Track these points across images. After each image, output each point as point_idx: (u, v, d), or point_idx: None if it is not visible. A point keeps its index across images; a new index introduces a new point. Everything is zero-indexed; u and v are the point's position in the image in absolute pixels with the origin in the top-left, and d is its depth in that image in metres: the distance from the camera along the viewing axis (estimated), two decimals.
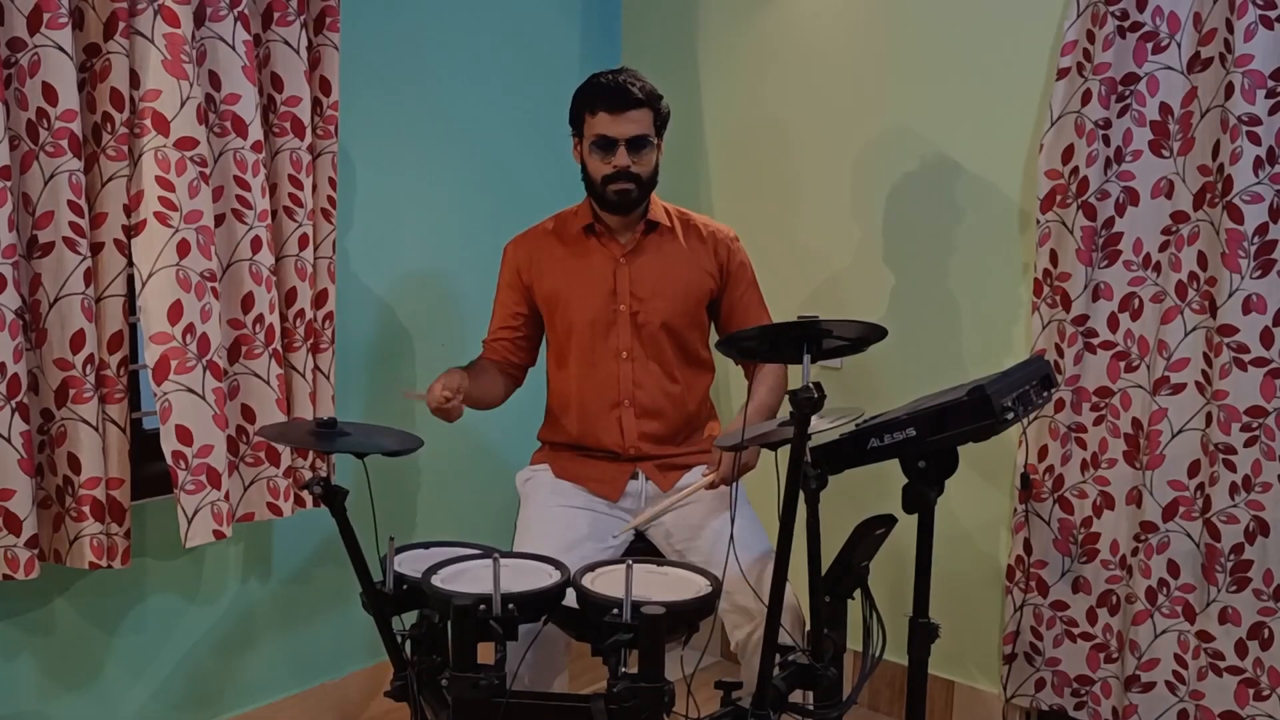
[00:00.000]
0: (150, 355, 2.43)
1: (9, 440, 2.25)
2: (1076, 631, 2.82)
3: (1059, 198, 2.72)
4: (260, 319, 2.61)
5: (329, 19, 2.70)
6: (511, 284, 2.69)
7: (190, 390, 2.46)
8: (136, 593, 2.68)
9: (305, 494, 2.77)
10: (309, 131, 2.67)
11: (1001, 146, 2.90)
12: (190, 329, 2.45)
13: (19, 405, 2.25)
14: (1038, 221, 2.76)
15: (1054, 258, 2.74)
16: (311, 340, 2.76)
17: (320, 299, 2.79)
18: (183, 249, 2.42)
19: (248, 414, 2.65)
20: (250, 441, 2.66)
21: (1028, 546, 2.85)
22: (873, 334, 2.00)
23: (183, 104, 2.39)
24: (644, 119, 2.51)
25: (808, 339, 1.94)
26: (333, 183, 2.77)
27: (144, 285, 2.42)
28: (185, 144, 2.40)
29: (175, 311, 2.43)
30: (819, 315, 1.94)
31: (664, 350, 2.58)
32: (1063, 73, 2.69)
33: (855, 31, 3.15)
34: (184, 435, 2.47)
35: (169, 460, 2.46)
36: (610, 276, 2.58)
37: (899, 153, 3.09)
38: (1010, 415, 2.12)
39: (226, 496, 2.53)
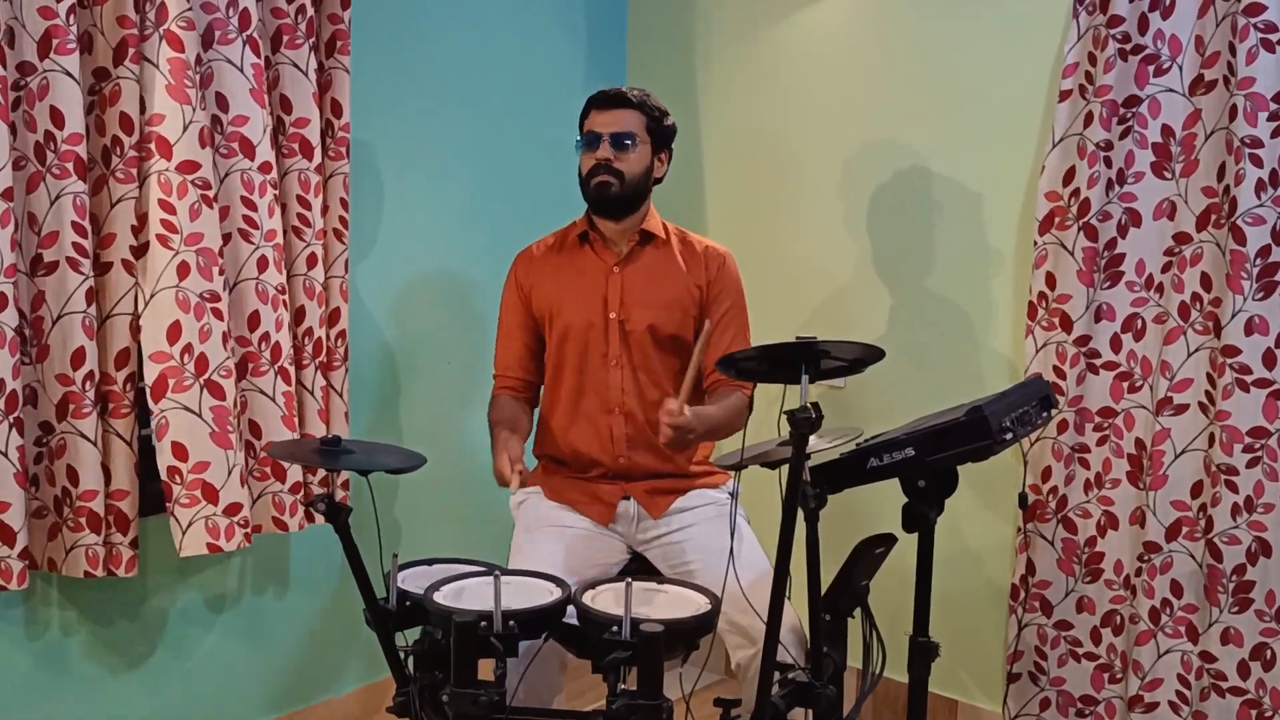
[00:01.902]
0: (149, 374, 2.46)
1: (5, 454, 2.27)
2: (1081, 651, 2.82)
3: (1057, 220, 2.73)
4: (266, 337, 2.64)
5: (339, 42, 2.73)
6: (514, 299, 2.71)
7: (186, 408, 2.49)
8: (144, 605, 2.71)
9: (312, 510, 2.80)
10: (318, 153, 2.71)
11: (1003, 167, 2.91)
12: (188, 349, 2.48)
13: (15, 420, 2.28)
14: (1035, 243, 2.77)
15: (1050, 280, 2.75)
16: (321, 358, 2.78)
17: (333, 317, 2.82)
18: (183, 270, 2.45)
19: (255, 430, 2.67)
20: (257, 456, 2.68)
21: (1031, 567, 2.85)
22: (871, 355, 2.01)
23: (185, 128, 2.42)
24: (632, 119, 2.56)
25: (806, 359, 1.96)
26: (344, 203, 2.80)
27: (145, 305, 2.45)
28: (187, 167, 2.43)
29: (174, 331, 2.46)
30: (817, 335, 1.96)
31: (650, 358, 2.58)
32: (1064, 95, 2.70)
33: (855, 51, 3.17)
34: (179, 452, 2.49)
35: (163, 475, 2.50)
36: (603, 283, 2.60)
37: (899, 173, 3.10)
38: (1009, 436, 2.13)
39: (227, 511, 2.55)
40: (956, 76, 2.98)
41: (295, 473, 2.73)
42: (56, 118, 2.28)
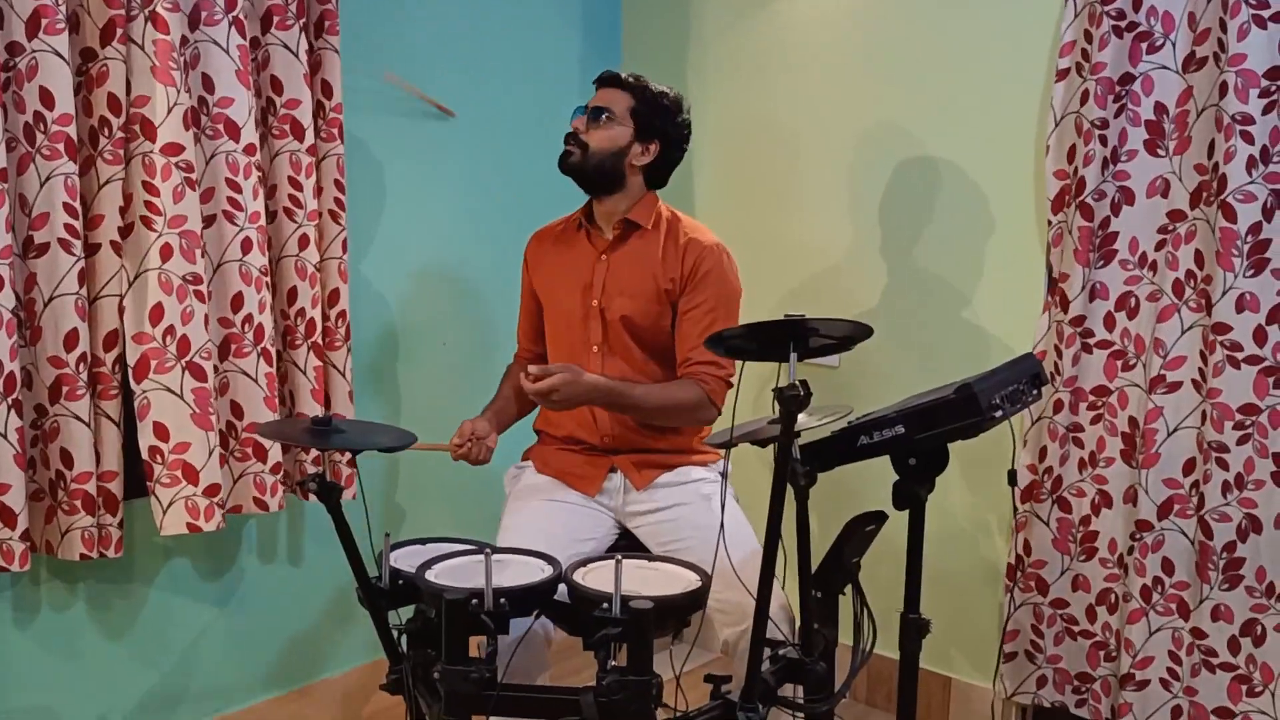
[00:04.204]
0: (131, 355, 2.47)
1: (4, 436, 2.28)
2: (1076, 629, 2.82)
3: (1066, 197, 2.72)
4: (249, 318, 2.64)
5: (328, 22, 2.73)
6: (525, 278, 2.79)
7: (168, 389, 2.50)
8: (139, 586, 2.72)
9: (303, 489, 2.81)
10: (309, 134, 2.70)
11: (1002, 147, 2.90)
12: (170, 330, 2.48)
13: (14, 402, 2.29)
14: (1050, 222, 2.76)
15: (1063, 257, 2.75)
16: (316, 338, 2.78)
17: (332, 298, 2.83)
18: (165, 253, 2.46)
19: (236, 411, 2.68)
20: (239, 437, 2.69)
21: (1027, 546, 2.86)
22: (859, 332, 2.01)
23: (169, 110, 2.42)
24: (616, 97, 2.58)
25: (794, 337, 1.96)
26: (339, 184, 2.80)
27: (129, 287, 2.46)
28: (171, 150, 2.44)
29: (156, 313, 2.46)
30: (805, 313, 1.96)
31: (629, 346, 2.59)
32: (1062, 73, 2.69)
33: (852, 31, 3.16)
34: (160, 432, 2.51)
35: (145, 455, 2.51)
36: (589, 271, 2.62)
37: (896, 152, 3.09)
38: (998, 413, 2.13)
39: (207, 492, 2.56)
40: (954, 54, 2.97)
41: (276, 453, 2.74)
42: (46, 98, 2.28)
